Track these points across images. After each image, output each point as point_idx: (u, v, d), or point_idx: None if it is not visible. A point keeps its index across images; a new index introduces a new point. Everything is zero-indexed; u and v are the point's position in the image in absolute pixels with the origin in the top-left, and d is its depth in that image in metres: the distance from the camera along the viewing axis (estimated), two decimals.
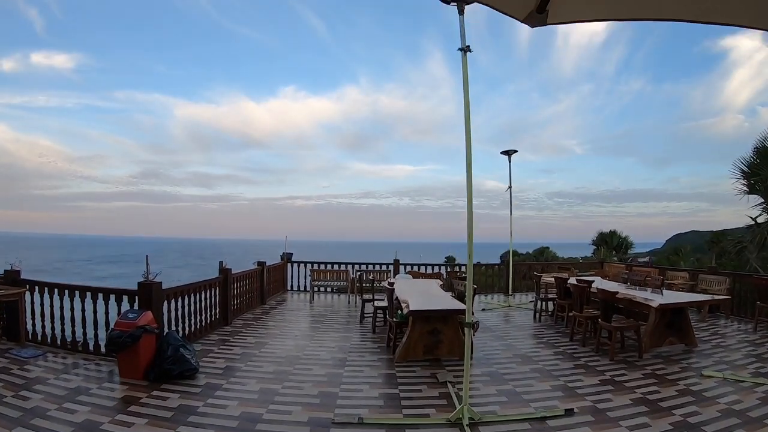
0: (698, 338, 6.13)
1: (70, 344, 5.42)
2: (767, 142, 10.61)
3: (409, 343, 5.21)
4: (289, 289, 11.34)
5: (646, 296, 5.94)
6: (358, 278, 8.95)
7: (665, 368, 5.05)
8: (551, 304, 8.26)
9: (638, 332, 5.68)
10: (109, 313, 5.21)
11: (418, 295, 5.99)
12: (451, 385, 4.43)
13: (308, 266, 11.01)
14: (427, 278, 8.79)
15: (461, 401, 3.70)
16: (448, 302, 5.79)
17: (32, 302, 5.66)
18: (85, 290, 5.34)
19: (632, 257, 18.32)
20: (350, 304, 9.50)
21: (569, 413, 3.77)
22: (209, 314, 6.59)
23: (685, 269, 10.37)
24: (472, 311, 3.81)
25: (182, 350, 4.54)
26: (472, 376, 4.51)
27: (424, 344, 5.24)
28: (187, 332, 5.86)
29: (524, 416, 3.73)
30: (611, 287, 6.33)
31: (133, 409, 3.77)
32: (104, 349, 4.89)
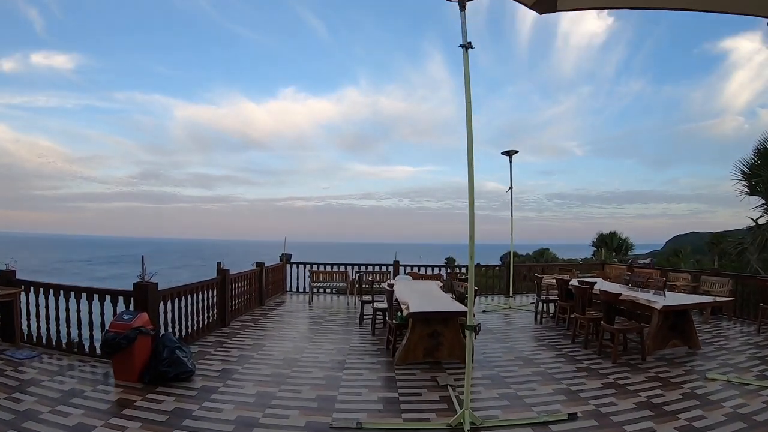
0: (701, 340, 6.06)
1: (65, 345, 5.37)
2: None
3: (408, 345, 5.14)
4: (288, 290, 11.27)
5: (649, 298, 5.87)
6: (357, 279, 8.88)
7: (669, 371, 4.99)
8: (552, 305, 8.20)
9: (641, 334, 5.61)
10: (104, 314, 5.14)
11: (418, 296, 5.93)
12: (451, 388, 4.36)
13: (307, 267, 10.95)
14: (427, 279, 8.73)
15: (462, 406, 3.63)
16: (448, 304, 5.72)
17: (27, 303, 5.60)
18: (80, 291, 5.28)
19: (632, 258, 18.27)
20: (349, 305, 9.44)
21: (572, 418, 3.70)
22: (206, 315, 6.52)
23: (686, 270, 10.31)
24: (473, 313, 3.75)
25: (178, 352, 4.47)
26: (472, 379, 4.44)
27: (424, 347, 5.17)
28: (183, 334, 5.79)
29: (527, 421, 3.66)
30: (613, 289, 6.27)
31: (127, 412, 3.70)
32: (99, 350, 4.83)
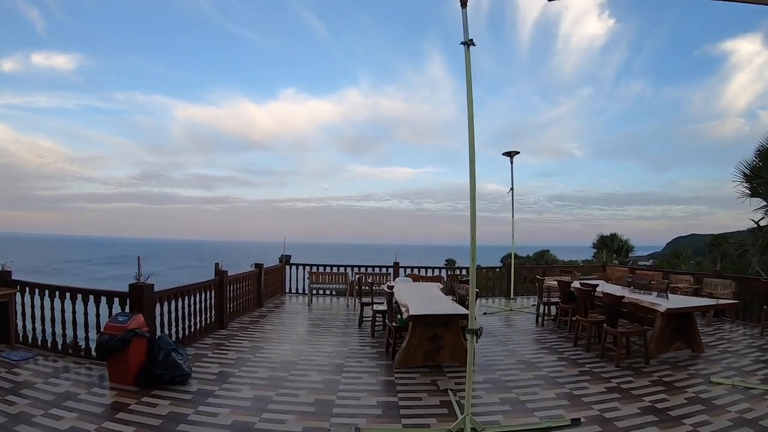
0: (704, 343, 5.99)
1: (61, 347, 5.30)
2: None
3: (408, 348, 5.07)
4: (287, 291, 11.20)
5: (652, 301, 5.80)
6: (357, 281, 8.82)
7: (673, 375, 4.92)
8: (554, 308, 8.13)
9: (644, 338, 5.54)
10: (99, 315, 5.08)
11: (418, 298, 5.85)
12: (452, 393, 4.28)
13: (307, 268, 10.88)
14: (427, 281, 8.65)
15: (463, 411, 3.55)
16: (449, 306, 5.64)
17: (23, 303, 5.54)
18: (76, 292, 5.21)
19: (632, 260, 18.22)
20: (349, 307, 9.36)
21: (576, 423, 3.62)
22: (204, 317, 6.44)
23: (689, 273, 10.24)
24: (474, 316, 3.67)
25: (174, 355, 4.39)
26: (473, 383, 4.36)
27: (424, 350, 5.09)
28: (180, 336, 5.72)
29: (529, 427, 3.59)
30: (616, 291, 6.20)
31: (121, 416, 3.64)
32: (94, 353, 4.76)
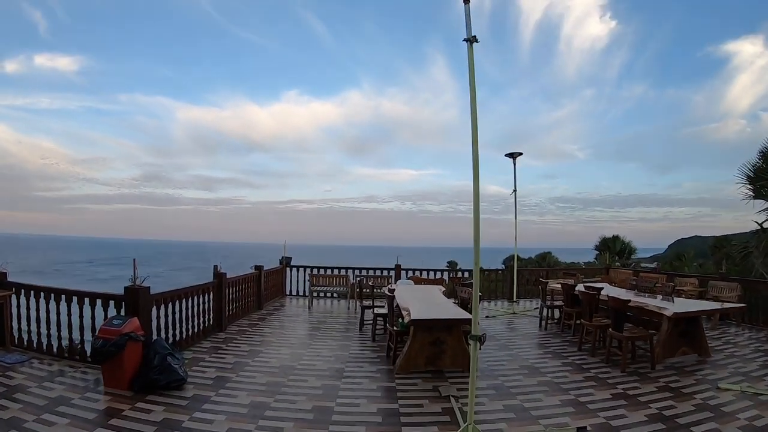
0: (711, 348, 5.88)
1: (56, 350, 5.22)
2: None
3: (410, 353, 4.97)
4: (287, 294, 11.10)
5: (658, 304, 5.69)
6: (358, 284, 8.72)
7: (679, 380, 4.82)
8: (557, 311, 8.02)
9: (651, 342, 5.42)
10: (95, 318, 4.98)
11: (419, 302, 5.75)
12: (454, 399, 4.18)
13: (307, 271, 10.78)
14: (429, 284, 8.53)
15: (465, 418, 3.45)
16: (451, 310, 5.54)
17: (18, 305, 5.44)
18: (71, 294, 5.12)
19: (635, 262, 18.11)
20: (350, 310, 9.26)
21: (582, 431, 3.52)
22: (202, 320, 6.35)
23: (694, 275, 10.13)
24: (478, 322, 3.56)
25: (170, 359, 4.30)
26: (476, 389, 4.26)
27: (425, 355, 4.99)
28: (177, 339, 5.62)
29: None
30: (621, 295, 6.09)
31: (114, 422, 3.54)
32: (89, 358, 4.66)
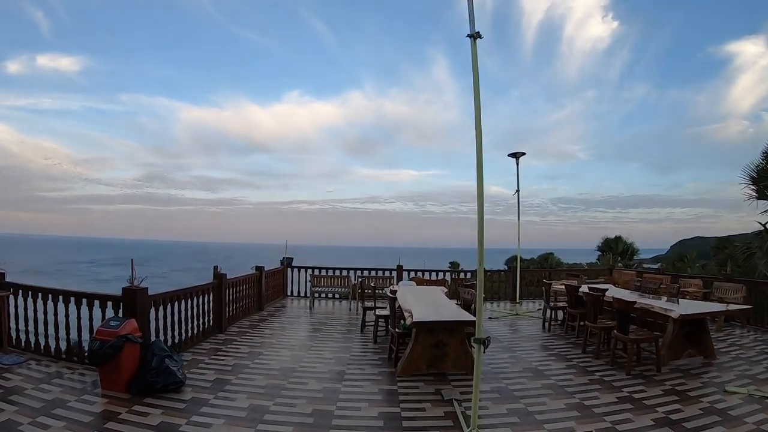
0: (716, 350, 5.79)
1: (54, 351, 5.15)
2: None
3: (412, 355, 4.89)
4: (288, 294, 11.02)
5: (664, 306, 5.60)
6: (359, 284, 8.65)
7: (686, 383, 4.73)
8: (560, 312, 7.94)
9: (656, 344, 5.34)
10: (93, 319, 4.93)
11: (422, 303, 5.67)
12: (457, 403, 4.09)
13: (308, 271, 10.70)
14: (431, 285, 8.45)
15: (469, 422, 3.37)
16: (454, 312, 5.46)
17: (16, 306, 5.39)
18: (69, 295, 5.06)
19: (637, 263, 18.04)
20: (351, 311, 9.18)
21: None
22: (202, 321, 6.28)
23: (698, 276, 10.03)
24: (482, 324, 3.48)
25: (168, 361, 4.23)
26: (479, 392, 4.18)
27: (428, 357, 4.91)
28: (176, 341, 5.55)
29: None
30: (625, 296, 6.00)
31: (110, 425, 3.48)
32: (86, 360, 4.60)
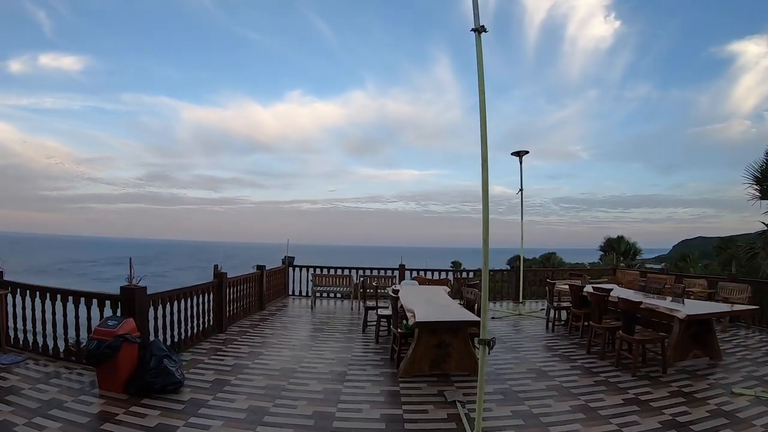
0: (722, 351, 5.71)
1: (52, 351, 5.09)
2: None
3: (414, 356, 4.81)
4: (290, 294, 10.96)
5: (670, 306, 5.52)
6: (361, 284, 8.59)
7: (692, 385, 4.65)
8: (564, 312, 7.85)
9: (662, 345, 5.26)
10: (91, 318, 4.88)
11: (424, 303, 5.60)
12: (460, 405, 4.01)
13: (310, 271, 10.63)
14: (433, 285, 8.38)
15: (473, 425, 3.30)
16: (457, 312, 5.38)
17: (14, 305, 5.34)
18: (67, 294, 5.00)
19: (639, 263, 17.94)
20: (353, 310, 9.11)
21: None
22: (202, 321, 6.22)
23: (703, 276, 9.94)
24: (486, 325, 3.41)
25: (166, 361, 4.16)
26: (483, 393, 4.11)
27: (430, 358, 4.83)
28: (176, 340, 5.50)
29: None
30: (630, 296, 5.92)
31: (106, 426, 3.42)
32: (84, 360, 4.53)
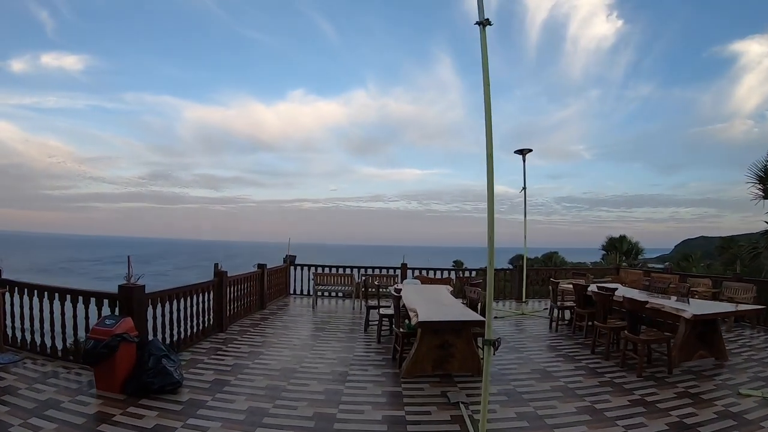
0: (728, 351, 5.62)
1: (50, 350, 5.04)
2: None
3: (417, 356, 4.74)
4: (291, 293, 10.90)
5: (677, 306, 5.44)
6: (363, 283, 8.52)
7: (698, 386, 4.58)
8: (568, 312, 7.78)
9: (668, 345, 5.18)
10: (89, 317, 4.83)
11: (427, 303, 5.53)
12: (464, 406, 3.93)
13: (311, 270, 10.56)
14: (436, 284, 8.31)
15: (477, 427, 3.22)
16: (460, 312, 5.31)
17: (12, 304, 5.28)
18: (65, 292, 4.95)
19: (642, 263, 17.86)
20: (355, 310, 9.05)
21: None
22: (202, 320, 6.16)
23: (707, 276, 9.86)
24: (491, 325, 3.32)
25: (165, 361, 4.09)
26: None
27: (433, 358, 4.75)
28: (175, 340, 5.43)
29: None
30: (635, 295, 5.85)
31: (103, 428, 3.36)
32: (81, 359, 4.48)
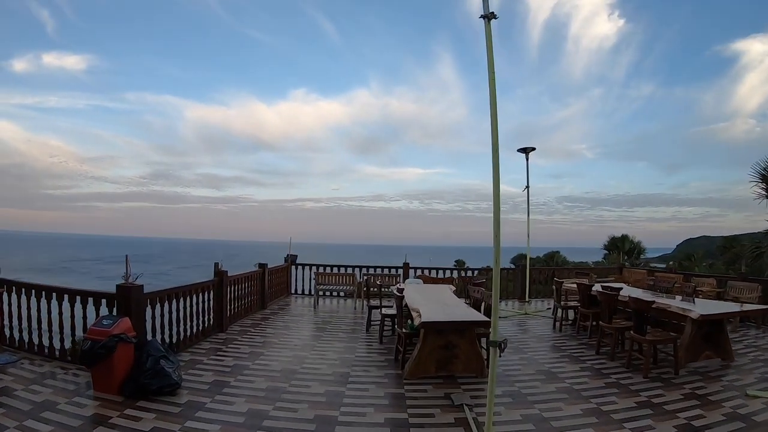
0: (734, 351, 5.54)
1: (47, 350, 4.98)
2: None
3: (419, 357, 4.66)
4: (292, 293, 10.83)
5: (683, 306, 5.36)
6: (365, 282, 8.45)
7: (705, 387, 4.50)
8: (572, 312, 7.70)
9: (674, 346, 5.10)
10: (87, 317, 4.76)
11: (430, 302, 5.45)
12: (468, 408, 3.85)
13: (313, 269, 10.48)
14: (438, 283, 8.23)
15: (481, 429, 3.15)
16: (464, 312, 5.23)
17: (10, 304, 5.22)
18: (62, 292, 4.89)
19: (644, 262, 17.81)
20: (356, 310, 8.98)
21: None
22: (202, 320, 6.09)
23: (712, 275, 9.79)
24: (497, 325, 3.24)
25: (163, 362, 4.02)
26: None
27: (436, 359, 4.68)
28: (174, 340, 5.36)
29: None
30: (640, 295, 5.77)
31: (99, 430, 3.29)
32: (78, 360, 4.41)
